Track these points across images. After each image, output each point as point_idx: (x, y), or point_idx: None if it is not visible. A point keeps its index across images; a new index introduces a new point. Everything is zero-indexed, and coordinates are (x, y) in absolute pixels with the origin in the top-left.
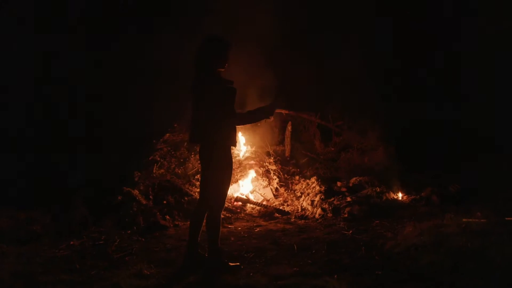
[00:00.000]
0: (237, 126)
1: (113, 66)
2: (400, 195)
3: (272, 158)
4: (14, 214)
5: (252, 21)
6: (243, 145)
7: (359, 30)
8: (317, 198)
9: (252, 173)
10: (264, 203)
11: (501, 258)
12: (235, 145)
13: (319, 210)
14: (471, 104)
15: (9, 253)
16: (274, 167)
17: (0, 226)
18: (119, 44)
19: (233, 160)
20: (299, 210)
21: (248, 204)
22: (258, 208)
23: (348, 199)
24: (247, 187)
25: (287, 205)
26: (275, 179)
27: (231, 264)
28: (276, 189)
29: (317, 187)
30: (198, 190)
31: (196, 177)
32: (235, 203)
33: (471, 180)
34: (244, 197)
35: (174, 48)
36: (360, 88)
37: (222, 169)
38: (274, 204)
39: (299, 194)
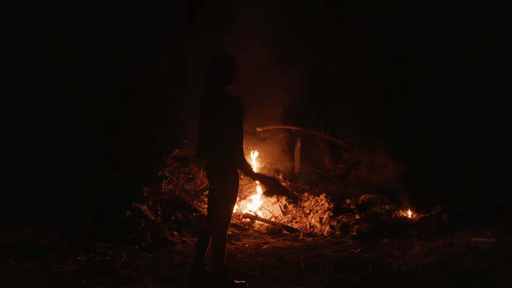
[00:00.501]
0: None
1: (121, 81)
2: (409, 213)
3: (281, 174)
4: (24, 228)
5: (264, 36)
6: (253, 161)
7: (369, 44)
8: (325, 216)
9: (260, 190)
10: (273, 220)
11: (510, 279)
12: None
13: (327, 228)
14: (483, 116)
15: (17, 267)
16: (283, 184)
17: (9, 240)
18: (130, 59)
19: (242, 176)
20: (308, 227)
21: (257, 221)
22: (266, 225)
23: (357, 216)
24: (256, 203)
25: (296, 222)
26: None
27: (237, 281)
28: (285, 206)
29: (326, 204)
30: (206, 206)
31: (204, 193)
32: (243, 219)
33: (483, 197)
34: (252, 213)
35: (183, 63)
36: (370, 104)
37: (228, 185)
38: (282, 221)
39: (308, 211)
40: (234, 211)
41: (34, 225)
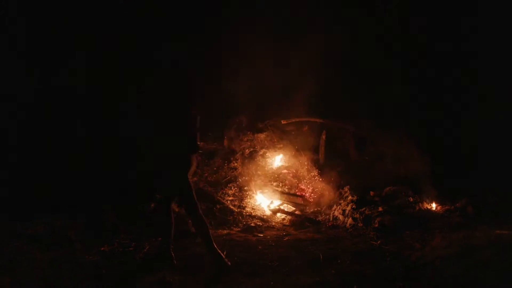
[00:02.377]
0: None
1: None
2: (434, 205)
3: (306, 166)
4: (51, 220)
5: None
6: (278, 153)
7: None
8: (348, 208)
9: (284, 181)
10: (296, 212)
11: None
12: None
13: (350, 220)
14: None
15: (41, 258)
16: (307, 176)
17: (36, 232)
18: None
19: (267, 168)
20: (331, 220)
21: (280, 213)
22: (289, 217)
23: (380, 208)
24: (279, 196)
25: (319, 214)
26: (308, 187)
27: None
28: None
29: (350, 197)
30: (231, 198)
31: (228, 185)
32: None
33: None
34: (276, 206)
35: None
36: (396, 96)
37: None
38: (306, 213)
39: (331, 203)
40: (258, 203)
41: (61, 217)
